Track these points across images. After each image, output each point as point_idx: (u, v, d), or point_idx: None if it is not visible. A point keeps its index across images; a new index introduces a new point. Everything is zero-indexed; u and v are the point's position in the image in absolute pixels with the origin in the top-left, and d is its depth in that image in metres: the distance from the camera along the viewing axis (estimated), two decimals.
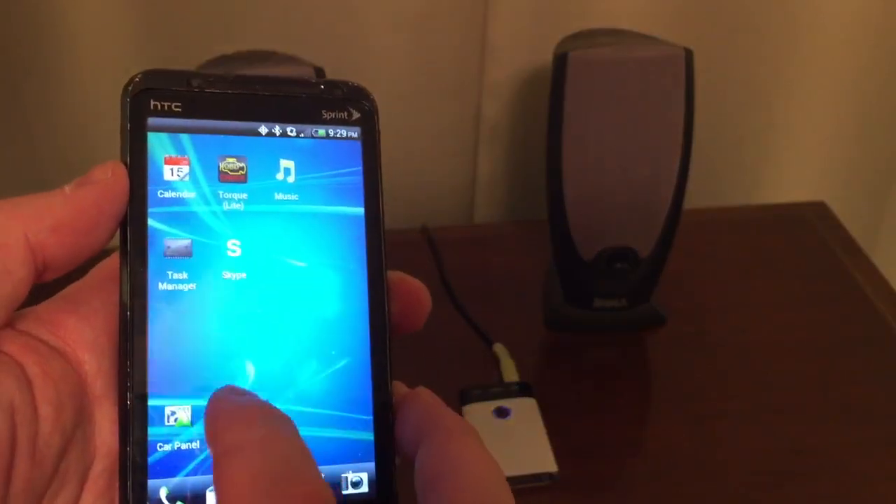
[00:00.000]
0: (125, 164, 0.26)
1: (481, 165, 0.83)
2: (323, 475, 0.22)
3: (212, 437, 0.23)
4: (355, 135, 0.28)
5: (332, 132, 0.28)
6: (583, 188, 0.63)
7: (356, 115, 0.28)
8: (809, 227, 0.81)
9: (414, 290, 0.28)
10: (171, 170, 0.26)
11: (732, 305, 0.72)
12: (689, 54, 0.61)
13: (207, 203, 0.26)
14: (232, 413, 0.23)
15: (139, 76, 0.26)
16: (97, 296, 0.26)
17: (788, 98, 0.84)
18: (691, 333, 0.70)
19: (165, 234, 0.26)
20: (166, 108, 0.26)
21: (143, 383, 0.25)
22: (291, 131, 0.28)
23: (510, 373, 0.65)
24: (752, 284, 0.75)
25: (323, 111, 0.28)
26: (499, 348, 0.67)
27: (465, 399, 0.62)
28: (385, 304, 0.28)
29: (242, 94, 0.27)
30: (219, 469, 0.22)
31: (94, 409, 0.25)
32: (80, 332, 0.25)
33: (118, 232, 0.26)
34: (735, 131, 0.85)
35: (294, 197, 0.27)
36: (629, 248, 0.65)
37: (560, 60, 0.61)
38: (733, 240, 0.80)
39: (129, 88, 0.26)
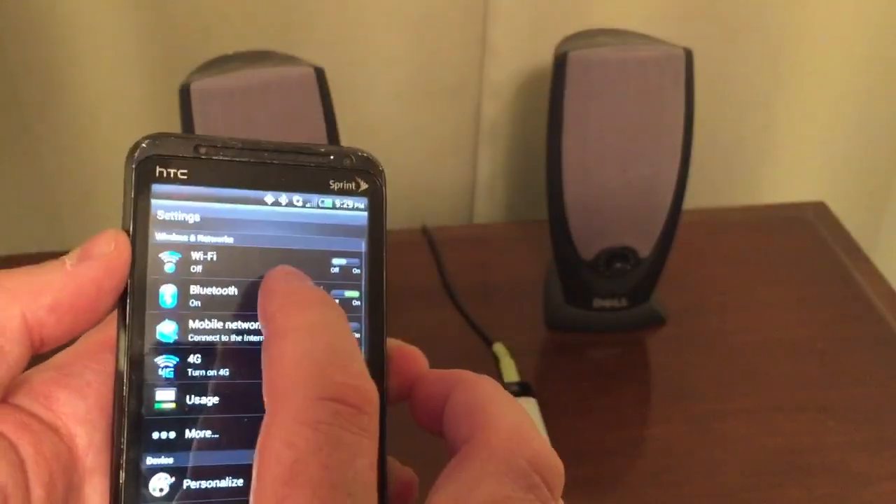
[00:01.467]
0: (127, 232, 0.25)
1: (481, 165, 0.83)
2: None
3: (264, 316, 0.24)
4: (362, 206, 0.28)
5: (338, 203, 0.28)
6: (583, 188, 0.63)
7: (364, 185, 0.28)
8: (809, 227, 0.81)
9: (411, 359, 0.28)
10: (176, 240, 0.26)
11: (732, 305, 0.72)
12: (688, 54, 0.61)
13: (212, 274, 0.26)
14: (287, 294, 0.24)
15: (145, 142, 0.26)
16: (91, 367, 0.25)
17: (788, 98, 0.84)
18: (691, 333, 0.70)
19: (167, 309, 0.26)
20: (172, 175, 0.26)
21: (137, 463, 0.24)
22: (298, 201, 0.27)
23: (510, 373, 0.65)
24: (751, 284, 0.75)
25: (330, 181, 0.28)
26: (499, 348, 0.67)
27: None
28: (384, 382, 0.27)
29: (250, 163, 0.27)
30: (268, 350, 0.23)
31: (85, 483, 0.25)
32: (72, 405, 0.25)
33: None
34: (735, 131, 0.85)
35: (299, 267, 0.27)
36: (629, 248, 0.65)
37: (560, 60, 0.61)
38: (733, 240, 0.80)
39: (135, 155, 0.26)
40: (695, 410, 0.63)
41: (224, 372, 0.26)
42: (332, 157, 0.28)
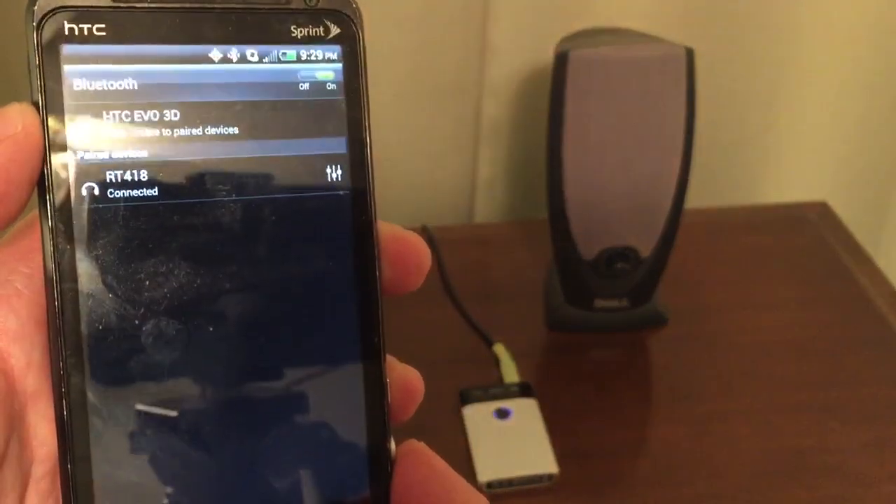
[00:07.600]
0: (38, 109, 0.21)
1: (481, 165, 0.83)
2: None
3: None
4: (335, 56, 0.23)
5: (304, 54, 0.23)
6: (583, 188, 0.63)
7: (335, 30, 0.23)
8: (810, 227, 0.81)
9: (412, 250, 0.24)
10: (100, 114, 0.21)
11: (733, 305, 0.72)
12: (689, 54, 0.61)
13: (149, 154, 0.21)
14: None
15: None
16: (20, 271, 0.21)
17: (789, 97, 0.84)
18: (692, 334, 0.70)
19: (97, 197, 0.21)
20: (87, 32, 0.21)
21: (82, 387, 0.21)
22: (252, 56, 0.22)
23: (510, 373, 0.65)
24: (753, 284, 0.75)
25: (292, 27, 0.23)
26: (499, 349, 0.67)
27: (466, 399, 0.62)
28: (377, 272, 0.23)
29: (186, 10, 0.21)
30: None
31: (28, 409, 0.21)
32: (2, 320, 0.21)
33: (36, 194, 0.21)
34: (736, 131, 0.85)
35: (259, 138, 0.22)
36: (630, 247, 0.65)
37: (560, 60, 0.61)
38: (734, 240, 0.80)
39: (35, 10, 0.21)
40: (696, 411, 0.63)
41: (177, 268, 0.21)
42: None
